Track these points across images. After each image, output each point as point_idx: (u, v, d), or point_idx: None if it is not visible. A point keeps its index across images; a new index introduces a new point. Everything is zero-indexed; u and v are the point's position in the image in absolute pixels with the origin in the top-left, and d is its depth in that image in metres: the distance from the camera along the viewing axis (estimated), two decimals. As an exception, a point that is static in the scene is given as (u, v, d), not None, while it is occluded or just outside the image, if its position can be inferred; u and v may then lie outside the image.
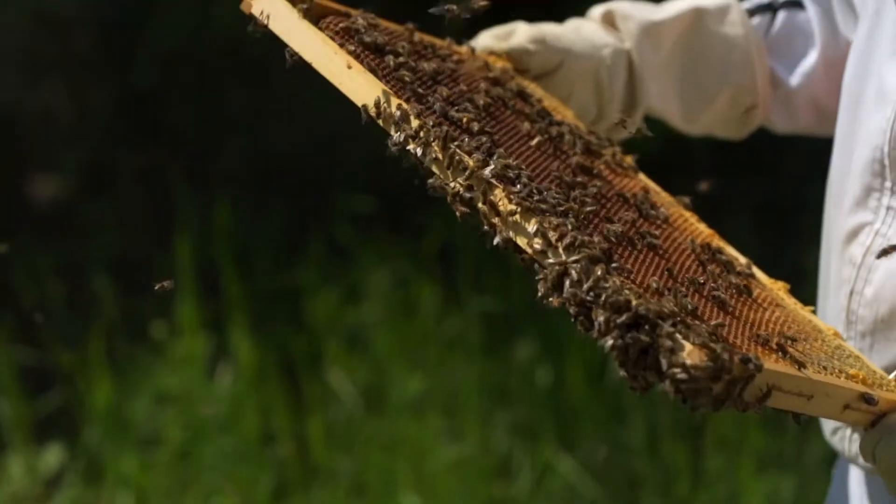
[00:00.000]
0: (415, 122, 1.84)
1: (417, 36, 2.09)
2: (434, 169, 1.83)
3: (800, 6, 2.28)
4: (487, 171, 1.80)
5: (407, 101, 1.88)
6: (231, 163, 6.81)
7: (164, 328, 5.25)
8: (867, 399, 1.76)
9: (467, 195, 1.80)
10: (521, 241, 1.73)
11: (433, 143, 1.83)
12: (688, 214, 2.05)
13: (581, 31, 2.21)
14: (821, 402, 1.74)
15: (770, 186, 6.24)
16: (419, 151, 1.83)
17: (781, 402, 1.70)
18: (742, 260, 2.02)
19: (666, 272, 1.79)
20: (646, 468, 4.72)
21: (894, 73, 1.99)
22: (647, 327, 1.57)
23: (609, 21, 2.26)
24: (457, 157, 1.80)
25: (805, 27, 2.25)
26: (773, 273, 2.05)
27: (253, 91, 7.16)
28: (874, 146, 2.02)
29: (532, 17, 2.27)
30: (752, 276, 1.98)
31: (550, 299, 1.64)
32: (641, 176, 2.09)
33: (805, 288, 2.20)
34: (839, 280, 2.08)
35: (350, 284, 5.37)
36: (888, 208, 2.02)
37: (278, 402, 5.06)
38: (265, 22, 2.00)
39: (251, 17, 2.03)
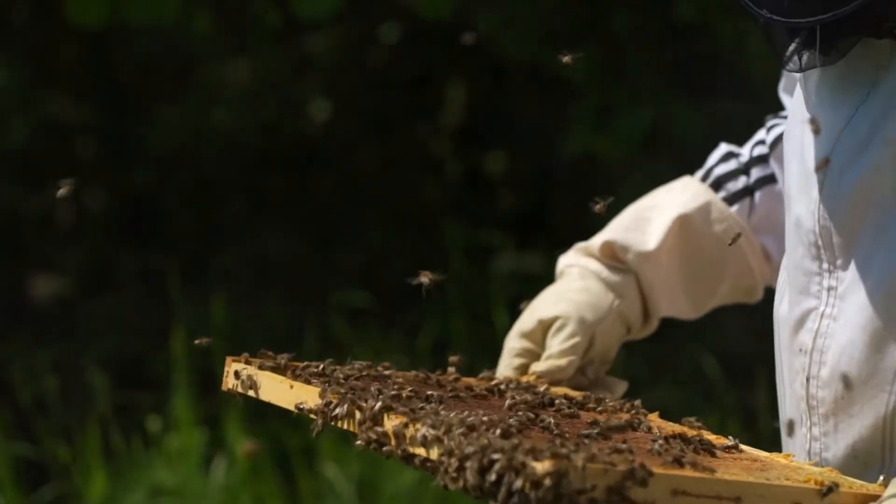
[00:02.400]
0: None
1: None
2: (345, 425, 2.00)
3: (774, 180, 2.39)
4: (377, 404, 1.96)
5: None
6: (228, 262, 6.87)
7: (159, 422, 5.27)
8: (819, 492, 1.79)
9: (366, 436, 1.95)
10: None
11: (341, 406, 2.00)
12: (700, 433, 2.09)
13: (591, 290, 2.36)
14: None
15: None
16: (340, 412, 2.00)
17: None
18: (727, 441, 2.04)
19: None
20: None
21: (810, 151, 2.06)
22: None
23: (608, 253, 2.40)
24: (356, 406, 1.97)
25: (782, 197, 2.35)
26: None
27: (251, 192, 7.23)
28: (807, 231, 2.08)
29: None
30: (735, 448, 2.00)
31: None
32: (643, 413, 2.17)
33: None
34: (793, 372, 2.12)
35: (344, 379, 5.39)
36: (829, 289, 2.06)
37: (273, 495, 5.08)
38: (250, 393, 2.20)
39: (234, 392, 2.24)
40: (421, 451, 1.82)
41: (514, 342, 2.35)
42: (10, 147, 7.52)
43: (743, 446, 2.03)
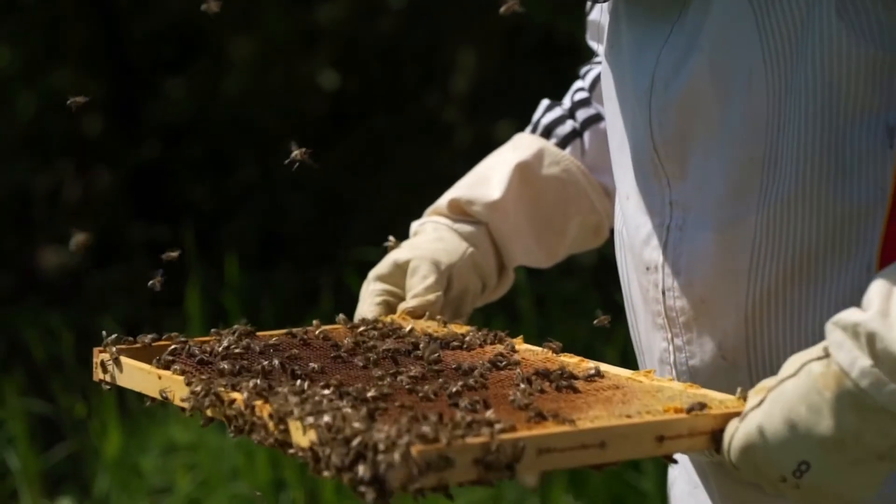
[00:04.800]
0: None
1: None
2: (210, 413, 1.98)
3: (600, 118, 2.46)
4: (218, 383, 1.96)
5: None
6: (240, 228, 6.87)
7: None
8: (673, 425, 1.81)
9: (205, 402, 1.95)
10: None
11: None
12: (555, 356, 2.13)
13: (444, 238, 2.43)
14: (622, 445, 1.78)
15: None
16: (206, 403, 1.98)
17: (571, 460, 1.77)
18: (590, 364, 2.07)
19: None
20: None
21: (642, 72, 2.11)
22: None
23: (456, 209, 2.46)
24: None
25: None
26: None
27: (261, 160, 7.24)
28: (642, 150, 2.12)
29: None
30: (596, 375, 2.01)
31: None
32: (508, 343, 2.19)
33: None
34: (644, 291, 2.15)
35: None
36: (671, 203, 2.09)
37: (289, 452, 5.06)
38: (113, 380, 2.18)
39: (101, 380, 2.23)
40: (298, 442, 1.80)
41: (373, 286, 2.37)
42: (17, 123, 7.53)
43: (604, 368, 2.04)
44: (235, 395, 1.93)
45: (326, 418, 1.77)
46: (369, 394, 1.89)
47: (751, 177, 2.01)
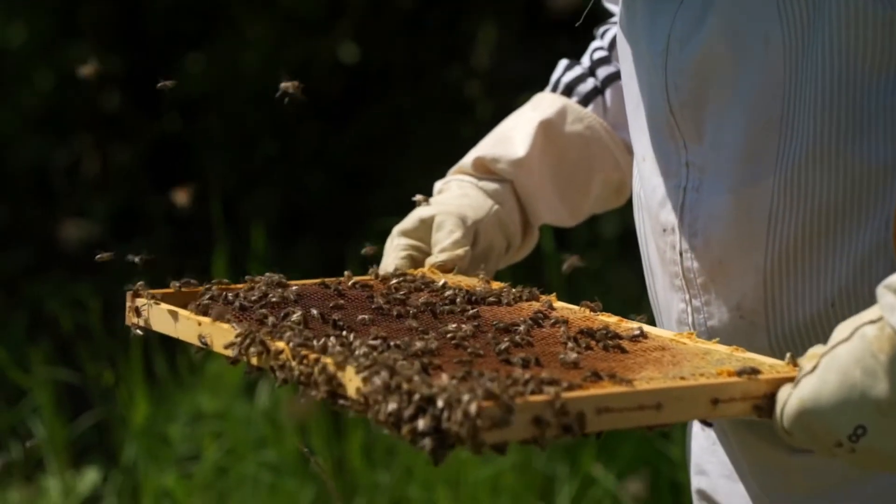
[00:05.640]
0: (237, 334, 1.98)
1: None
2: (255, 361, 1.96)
3: (619, 76, 2.44)
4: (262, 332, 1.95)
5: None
6: (262, 199, 6.87)
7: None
8: (726, 389, 1.81)
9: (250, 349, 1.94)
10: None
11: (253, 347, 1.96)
12: (595, 315, 2.12)
13: (470, 195, 2.42)
14: (677, 407, 1.78)
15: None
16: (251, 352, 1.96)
17: (627, 421, 1.76)
18: (632, 325, 2.06)
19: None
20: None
21: (657, 34, 2.11)
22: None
23: (481, 167, 2.45)
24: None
25: None
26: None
27: (282, 136, 7.23)
28: (659, 112, 2.12)
29: None
30: (641, 335, 2.00)
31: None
32: (545, 300, 2.18)
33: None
34: (662, 253, 2.15)
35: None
36: (688, 164, 2.10)
37: (316, 420, 5.06)
38: (148, 325, 2.15)
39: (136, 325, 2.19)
40: (351, 394, 1.80)
41: (397, 240, 2.37)
42: (36, 98, 7.53)
43: (647, 328, 2.03)
44: (281, 344, 1.92)
45: (384, 371, 1.77)
46: (416, 346, 1.89)
47: (768, 138, 2.01)
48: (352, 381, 1.79)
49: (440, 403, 1.68)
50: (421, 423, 1.68)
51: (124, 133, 7.69)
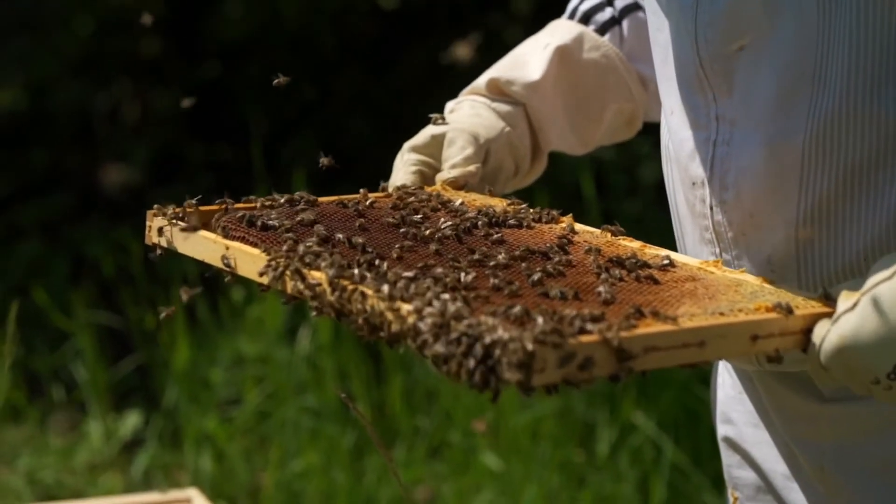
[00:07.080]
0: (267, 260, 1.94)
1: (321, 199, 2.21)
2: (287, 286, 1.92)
3: (638, 7, 2.44)
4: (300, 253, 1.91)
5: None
6: (300, 147, 6.86)
7: (243, 292, 5.27)
8: (769, 324, 1.80)
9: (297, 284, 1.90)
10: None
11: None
12: (616, 239, 2.11)
13: (482, 115, 2.40)
14: (720, 345, 1.78)
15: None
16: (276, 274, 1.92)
17: (671, 359, 1.75)
18: (657, 251, 2.04)
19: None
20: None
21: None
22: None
23: (494, 88, 2.43)
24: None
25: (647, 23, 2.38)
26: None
27: (322, 81, 7.21)
28: (688, 65, 2.10)
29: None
30: (669, 265, 1.99)
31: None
32: (565, 222, 2.16)
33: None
34: (691, 206, 2.13)
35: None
36: (717, 117, 2.08)
37: (356, 365, 5.08)
38: (169, 245, 2.10)
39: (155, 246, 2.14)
40: (397, 329, 1.77)
41: (407, 156, 2.34)
42: (75, 43, 7.53)
43: (673, 256, 2.02)
44: (319, 274, 1.88)
45: (431, 307, 1.75)
46: (454, 277, 1.86)
47: (799, 92, 1.99)
48: (396, 318, 1.77)
49: (492, 343, 1.66)
50: (472, 362, 1.67)
51: (164, 78, 7.69)
